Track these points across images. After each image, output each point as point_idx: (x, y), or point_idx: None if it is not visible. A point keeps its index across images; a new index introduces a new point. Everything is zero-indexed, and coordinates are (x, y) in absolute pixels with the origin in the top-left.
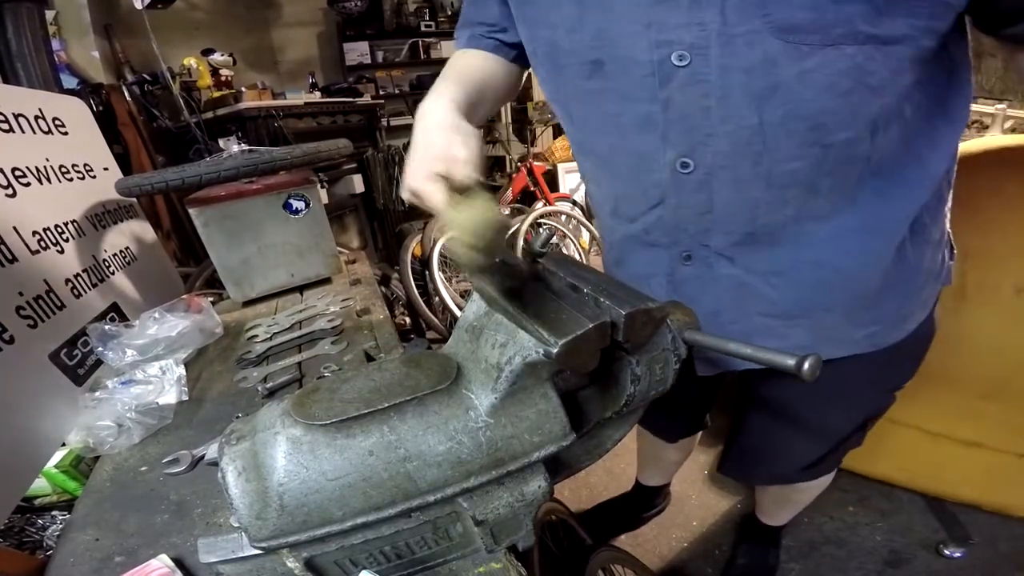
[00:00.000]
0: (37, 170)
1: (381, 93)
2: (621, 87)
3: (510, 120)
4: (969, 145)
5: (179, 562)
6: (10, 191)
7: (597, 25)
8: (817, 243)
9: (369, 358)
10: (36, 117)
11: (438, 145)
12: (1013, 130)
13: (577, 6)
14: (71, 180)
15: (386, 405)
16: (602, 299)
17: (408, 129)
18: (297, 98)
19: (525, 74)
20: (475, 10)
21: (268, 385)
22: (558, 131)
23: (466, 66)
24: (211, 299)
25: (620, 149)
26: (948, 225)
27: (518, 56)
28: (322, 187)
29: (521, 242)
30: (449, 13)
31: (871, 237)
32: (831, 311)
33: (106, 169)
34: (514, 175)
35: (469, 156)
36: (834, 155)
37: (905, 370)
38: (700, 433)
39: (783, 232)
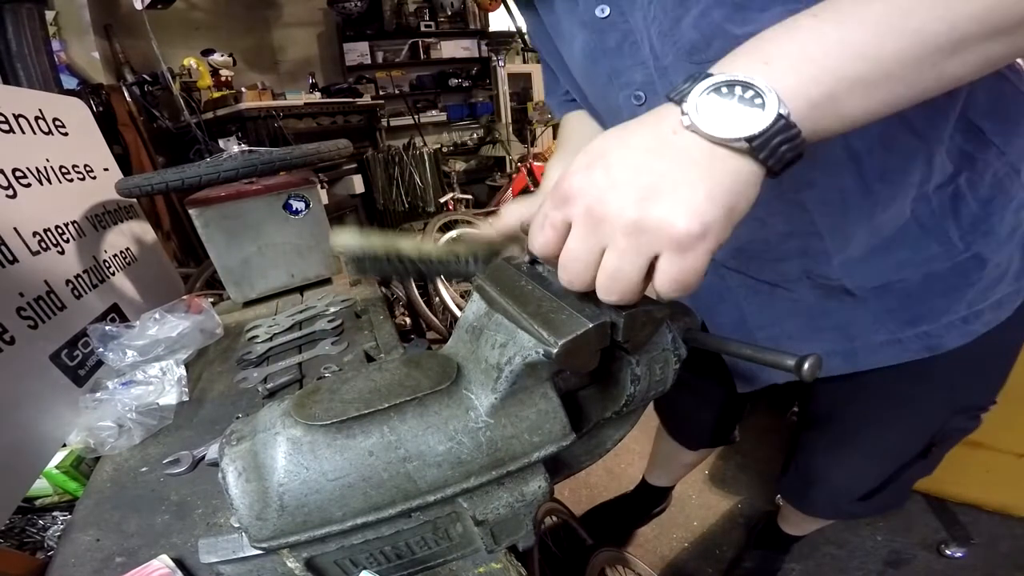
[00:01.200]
0: (37, 171)
1: (381, 93)
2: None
3: (510, 120)
4: None
5: (180, 562)
6: (10, 192)
7: (587, 82)
8: (818, 252)
9: (369, 358)
10: (36, 118)
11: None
12: None
13: (575, 64)
14: (71, 181)
15: (386, 405)
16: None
17: (408, 129)
18: (297, 98)
19: None
20: (550, 86)
21: (268, 386)
22: (558, 131)
23: (571, 130)
24: (211, 300)
25: None
26: None
27: None
28: (322, 187)
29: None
30: (449, 13)
31: (863, 222)
32: (861, 308)
33: (106, 170)
34: (514, 175)
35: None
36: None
37: (978, 385)
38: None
39: (780, 248)
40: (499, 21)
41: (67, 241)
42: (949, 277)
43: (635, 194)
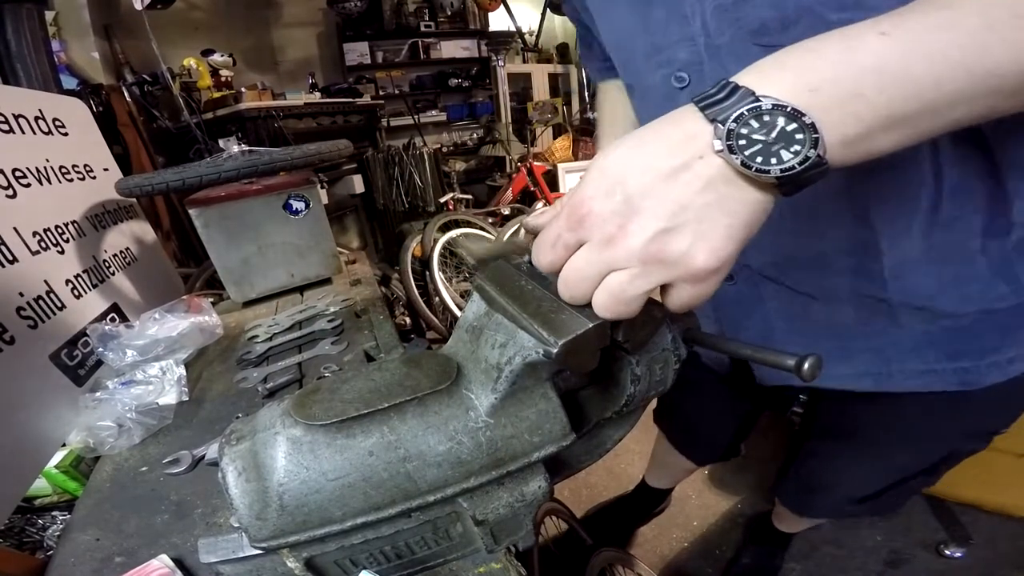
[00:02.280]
0: (37, 171)
1: (381, 93)
2: (649, 108)
3: (510, 120)
4: None
5: (179, 562)
6: (10, 192)
7: (623, 54)
8: (874, 273)
9: (369, 358)
10: (36, 118)
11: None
12: None
13: (607, 38)
14: (71, 181)
15: (386, 405)
16: None
17: (408, 129)
18: (297, 98)
19: None
20: (587, 52)
21: (268, 385)
22: (558, 131)
23: (615, 101)
24: (211, 300)
25: None
26: None
27: None
28: (322, 187)
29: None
30: (449, 13)
31: (943, 258)
32: (902, 332)
33: (106, 170)
34: (514, 175)
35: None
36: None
37: (1003, 416)
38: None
39: (834, 261)
40: (499, 21)
41: (67, 241)
42: (1007, 318)
43: (655, 225)
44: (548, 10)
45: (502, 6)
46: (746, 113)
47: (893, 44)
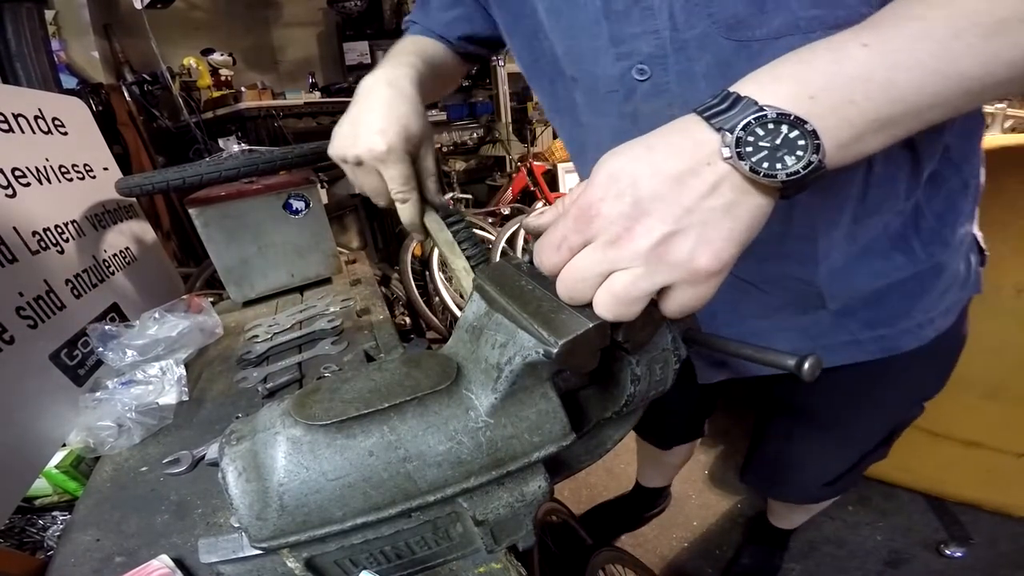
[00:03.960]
0: (37, 170)
1: None
2: (593, 102)
3: (510, 120)
4: None
5: (179, 562)
6: (10, 191)
7: (567, 43)
8: (804, 259)
9: (369, 358)
10: (36, 117)
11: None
12: (1013, 129)
13: (551, 23)
14: (71, 180)
15: (386, 405)
16: None
17: None
18: (297, 98)
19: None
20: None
21: (268, 385)
22: (399, 43)
23: (422, 46)
24: (211, 299)
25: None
26: (976, 228)
27: (468, 55)
28: (322, 187)
29: (521, 243)
30: None
31: (859, 240)
32: (825, 310)
33: (106, 169)
34: (514, 175)
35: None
36: None
37: (931, 380)
38: (698, 440)
39: (771, 249)
40: None
41: (67, 240)
42: (909, 285)
43: (662, 228)
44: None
45: None
46: (753, 122)
47: (876, 54)
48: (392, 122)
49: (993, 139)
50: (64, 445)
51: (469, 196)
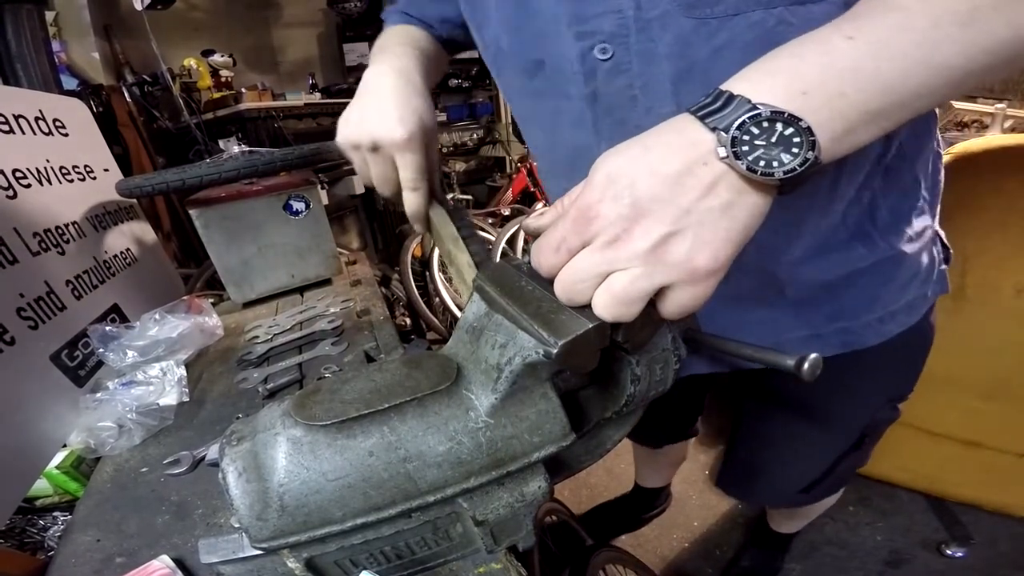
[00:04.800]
0: (37, 171)
1: None
2: (557, 85)
3: (510, 121)
4: (969, 145)
5: (180, 563)
6: (11, 192)
7: (533, 25)
8: (771, 252)
9: (369, 359)
10: (36, 118)
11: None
12: (1013, 129)
13: (514, 7)
14: (71, 181)
15: (386, 406)
16: None
17: None
18: (297, 99)
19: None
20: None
21: (269, 386)
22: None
23: (415, 37)
24: (211, 300)
25: (560, 144)
26: (937, 224)
27: (446, 42)
28: (322, 188)
29: (521, 243)
30: None
31: (811, 226)
32: (784, 299)
33: (106, 170)
34: (514, 176)
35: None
36: None
37: (899, 379)
38: (692, 439)
39: None
40: None
41: (67, 242)
42: (869, 275)
43: (661, 229)
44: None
45: None
46: (747, 121)
47: (862, 46)
48: (410, 112)
49: (993, 139)
50: (65, 446)
51: (469, 197)
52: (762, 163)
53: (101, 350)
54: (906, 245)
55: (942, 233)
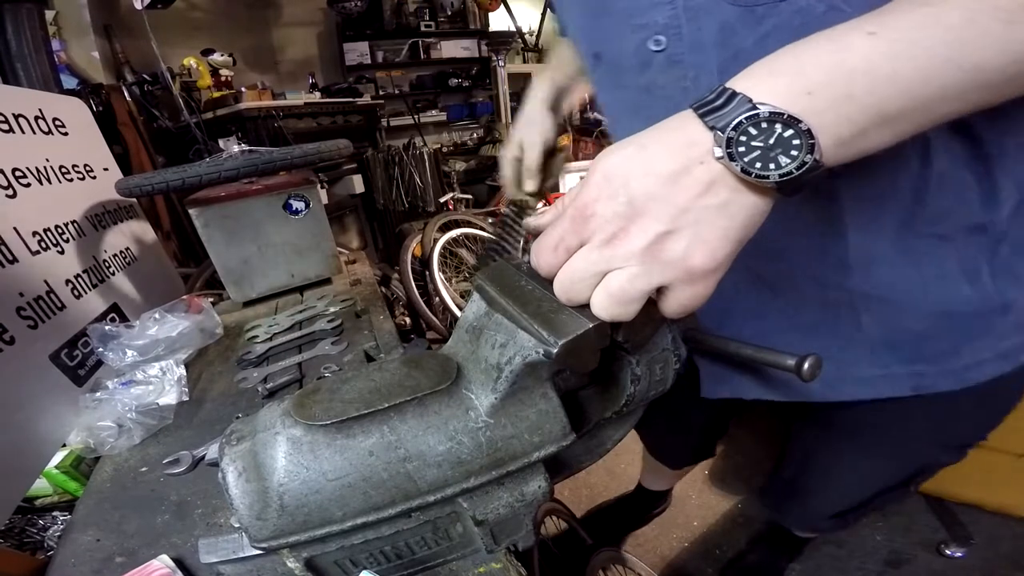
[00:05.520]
0: (37, 171)
1: (381, 93)
2: (615, 77)
3: (510, 120)
4: None
5: (180, 562)
6: (10, 191)
7: (592, 19)
8: (838, 259)
9: (369, 358)
10: (36, 118)
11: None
12: None
13: (580, 6)
14: (71, 181)
15: (386, 405)
16: None
17: (408, 129)
18: (297, 98)
19: None
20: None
21: (268, 385)
22: (558, 131)
23: (560, 53)
24: (211, 299)
25: (623, 135)
26: None
27: None
28: (322, 187)
29: (522, 242)
30: (449, 13)
31: (915, 252)
32: (863, 339)
33: (106, 169)
34: None
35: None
36: None
37: (973, 427)
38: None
39: (782, 242)
40: (499, 21)
41: (67, 241)
42: (968, 320)
43: (657, 227)
44: (548, 10)
45: (502, 6)
46: (744, 121)
47: (880, 44)
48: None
49: None
50: (64, 445)
51: (469, 196)
52: (758, 165)
53: (100, 349)
54: (1019, 290)
55: None
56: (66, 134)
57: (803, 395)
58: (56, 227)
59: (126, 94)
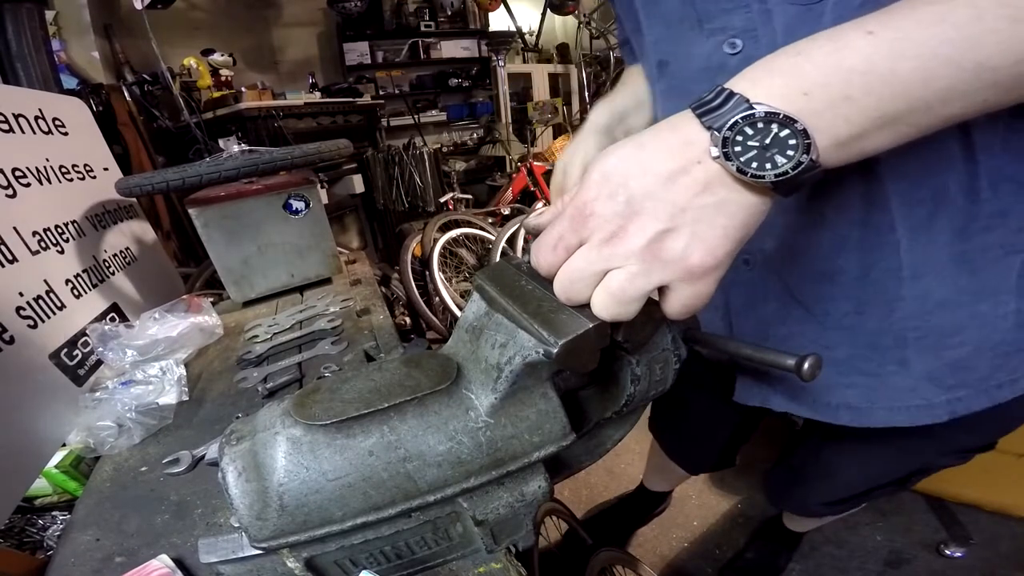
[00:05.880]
0: (37, 170)
1: (381, 93)
2: (684, 84)
3: (510, 120)
4: None
5: (179, 562)
6: (10, 191)
7: (664, 28)
8: (889, 282)
9: (369, 358)
10: (36, 117)
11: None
12: None
13: (643, 11)
14: (71, 180)
15: (386, 405)
16: None
17: (408, 129)
18: (297, 98)
19: None
20: (620, 29)
21: (268, 385)
22: (558, 131)
23: (635, 76)
24: (211, 299)
25: None
26: None
27: None
28: (322, 187)
29: (521, 243)
30: (449, 13)
31: (974, 266)
32: (904, 375)
33: (106, 169)
34: (514, 175)
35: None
36: None
37: (982, 435)
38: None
39: (839, 257)
40: (499, 21)
41: (67, 241)
42: (1009, 341)
43: (655, 226)
44: (548, 10)
45: (502, 6)
46: (740, 121)
47: (880, 43)
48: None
49: None
50: (64, 445)
51: (469, 196)
52: (754, 165)
53: (100, 349)
54: None
55: None
56: (66, 134)
57: (830, 417)
58: (56, 227)
59: (126, 94)
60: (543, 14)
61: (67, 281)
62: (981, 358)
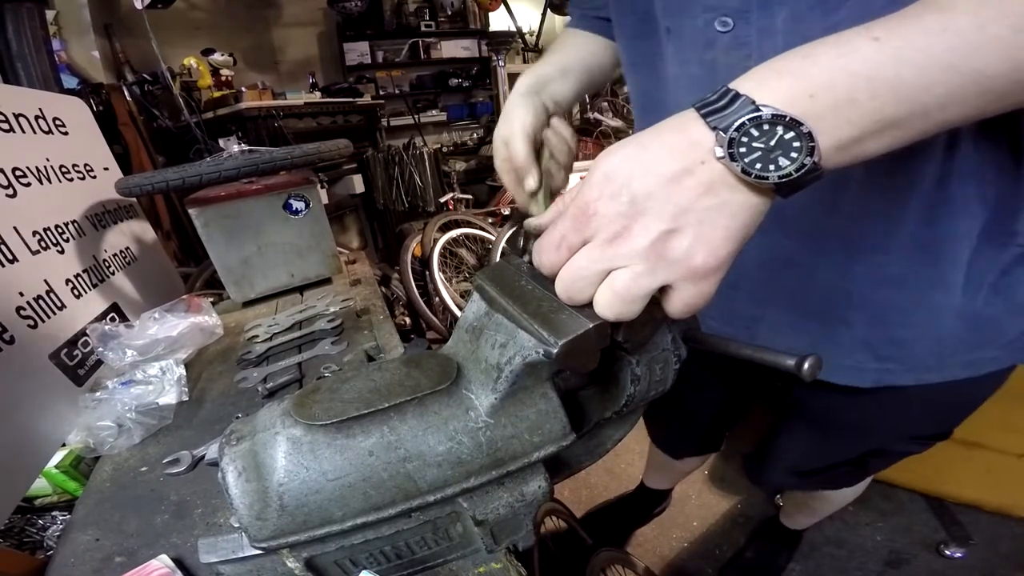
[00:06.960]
0: (37, 170)
1: (381, 93)
2: (681, 52)
3: None
4: None
5: (179, 562)
6: (10, 191)
7: None
8: (845, 257)
9: (369, 358)
10: (36, 117)
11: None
12: None
13: None
14: (71, 180)
15: (386, 405)
16: None
17: (408, 129)
18: (297, 98)
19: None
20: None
21: (268, 385)
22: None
23: (567, 45)
24: (211, 299)
25: (676, 108)
26: None
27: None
28: (322, 187)
29: (521, 242)
30: (449, 13)
31: (928, 249)
32: (846, 336)
33: (106, 169)
34: None
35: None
36: None
37: (932, 422)
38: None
39: (820, 222)
40: (499, 21)
41: (67, 240)
42: (947, 327)
43: (659, 226)
44: (548, 10)
45: (502, 6)
46: (747, 122)
47: (884, 49)
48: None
49: None
50: (64, 445)
51: (469, 196)
52: (758, 166)
53: (100, 349)
54: (1002, 307)
55: None
56: (66, 134)
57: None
58: (56, 227)
59: (126, 94)
60: (543, 14)
61: (67, 281)
62: (920, 341)
